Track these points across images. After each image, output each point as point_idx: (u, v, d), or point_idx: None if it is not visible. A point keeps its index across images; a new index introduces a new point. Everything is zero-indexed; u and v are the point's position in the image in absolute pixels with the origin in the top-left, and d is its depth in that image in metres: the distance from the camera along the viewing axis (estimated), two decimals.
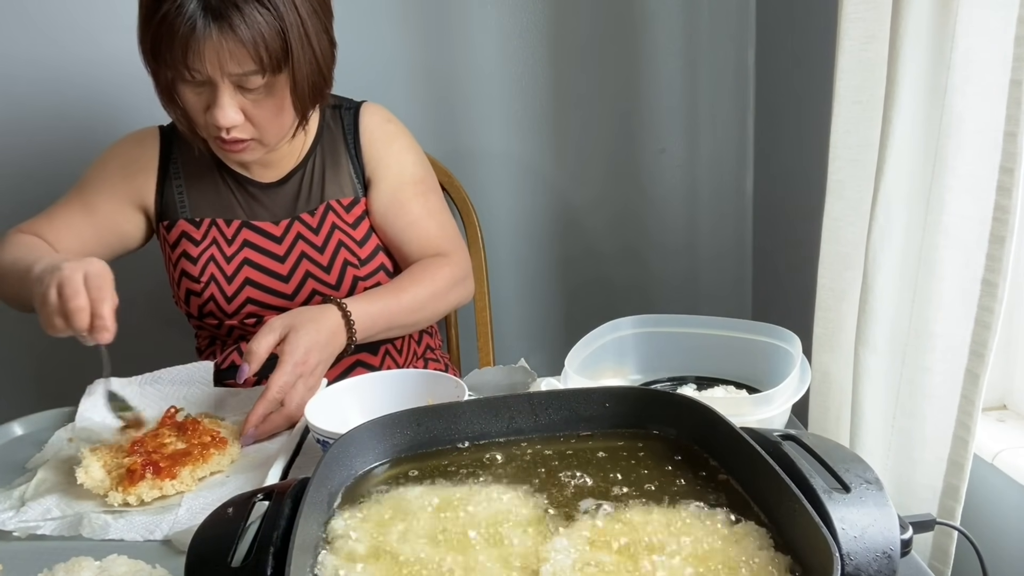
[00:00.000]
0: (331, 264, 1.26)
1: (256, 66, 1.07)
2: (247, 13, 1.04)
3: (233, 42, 1.05)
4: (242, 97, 1.11)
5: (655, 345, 1.12)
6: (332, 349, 1.10)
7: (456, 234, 1.35)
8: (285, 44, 1.08)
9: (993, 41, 0.90)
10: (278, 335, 1.05)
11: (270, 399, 1.02)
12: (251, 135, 1.15)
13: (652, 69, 1.83)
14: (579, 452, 0.76)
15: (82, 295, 0.95)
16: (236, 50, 1.05)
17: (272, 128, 1.16)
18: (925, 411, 1.01)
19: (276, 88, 1.11)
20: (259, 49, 1.06)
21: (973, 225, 0.94)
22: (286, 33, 1.07)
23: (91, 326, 0.96)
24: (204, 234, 1.26)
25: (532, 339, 1.97)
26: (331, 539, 0.65)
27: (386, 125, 1.35)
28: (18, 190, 1.69)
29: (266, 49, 1.06)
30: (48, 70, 1.66)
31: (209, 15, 1.04)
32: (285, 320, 1.07)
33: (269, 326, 1.06)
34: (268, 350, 1.04)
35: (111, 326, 0.96)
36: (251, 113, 1.12)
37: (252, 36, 1.05)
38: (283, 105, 1.14)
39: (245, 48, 1.05)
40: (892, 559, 0.57)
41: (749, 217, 1.95)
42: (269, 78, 1.09)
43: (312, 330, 1.06)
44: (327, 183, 1.30)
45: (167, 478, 0.91)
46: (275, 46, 1.07)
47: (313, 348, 1.05)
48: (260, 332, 1.05)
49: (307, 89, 1.14)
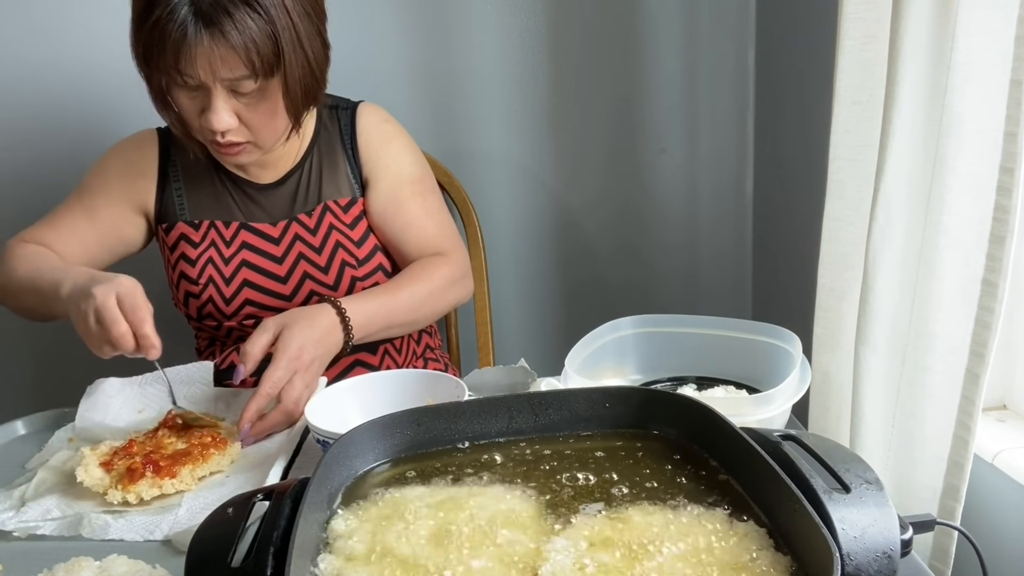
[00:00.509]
0: (329, 265, 1.26)
1: (248, 71, 1.07)
2: (238, 19, 1.04)
3: (224, 48, 1.05)
4: (236, 101, 1.11)
5: (655, 345, 1.12)
6: (327, 346, 1.10)
7: (454, 233, 1.35)
8: (277, 48, 1.08)
9: (993, 41, 0.90)
10: (272, 335, 1.06)
11: (263, 395, 1.02)
12: (246, 138, 1.15)
13: (652, 69, 1.83)
14: (579, 452, 0.76)
15: (121, 321, 0.98)
16: (227, 55, 1.05)
17: (267, 131, 1.16)
18: (925, 411, 1.01)
19: (269, 92, 1.11)
20: (250, 54, 1.06)
21: (973, 225, 0.94)
22: (277, 37, 1.07)
23: (138, 346, 0.99)
24: (203, 236, 1.26)
25: (532, 339, 1.97)
26: (331, 539, 0.65)
27: (383, 125, 1.35)
28: (15, 192, 1.69)
29: (257, 54, 1.06)
30: (45, 71, 1.65)
31: (200, 21, 1.04)
32: (278, 320, 1.08)
33: (263, 326, 1.07)
34: (263, 350, 1.05)
35: (157, 343, 0.99)
36: (245, 116, 1.12)
37: (243, 41, 1.05)
38: (277, 108, 1.14)
39: (236, 53, 1.05)
40: (892, 559, 0.57)
41: (749, 217, 1.95)
42: (262, 82, 1.09)
43: (305, 327, 1.07)
44: (324, 184, 1.30)
45: (167, 477, 0.91)
46: (266, 51, 1.07)
47: (306, 344, 1.05)
48: (254, 333, 1.06)
49: (300, 92, 1.13)
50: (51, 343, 1.73)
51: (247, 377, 1.05)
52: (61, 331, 1.73)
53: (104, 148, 1.32)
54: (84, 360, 1.05)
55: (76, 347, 1.01)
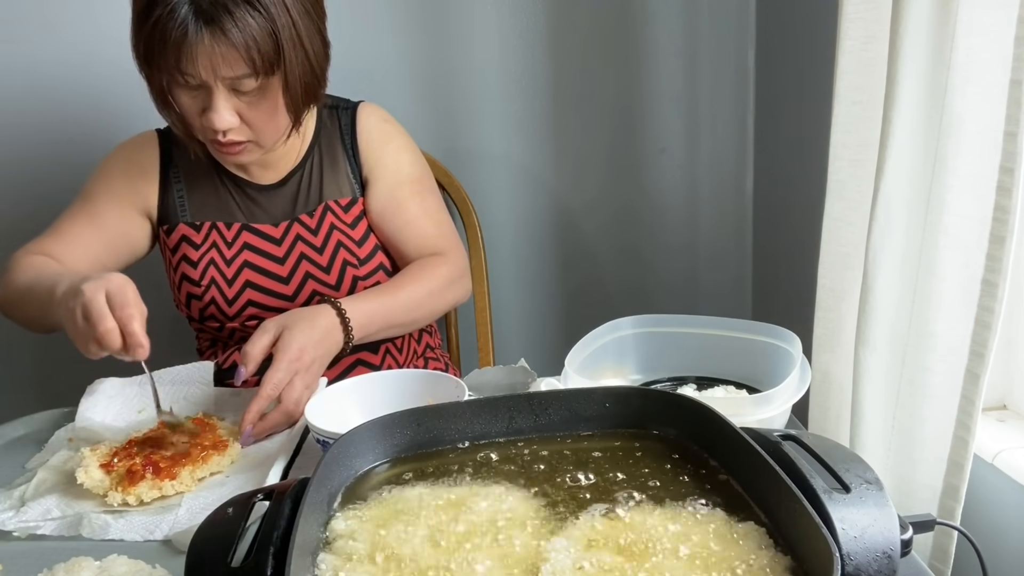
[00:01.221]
0: (331, 265, 1.27)
1: (249, 69, 1.07)
2: (238, 16, 1.04)
3: (225, 46, 1.05)
4: (237, 99, 1.11)
5: (655, 345, 1.12)
6: (327, 347, 1.10)
7: (453, 233, 1.35)
8: (277, 46, 1.08)
9: (993, 41, 0.90)
10: (272, 336, 1.06)
11: (264, 397, 1.02)
12: (247, 137, 1.15)
13: (652, 69, 1.83)
14: (579, 452, 0.76)
15: (108, 317, 0.94)
16: (228, 53, 1.06)
17: (268, 129, 1.16)
18: (925, 411, 1.01)
19: (270, 90, 1.12)
20: (251, 52, 1.06)
21: (973, 225, 0.94)
22: (278, 35, 1.07)
23: (124, 345, 0.95)
24: (204, 238, 1.26)
25: (532, 339, 1.97)
26: (331, 539, 0.65)
27: (383, 125, 1.35)
28: (12, 193, 1.69)
29: (258, 52, 1.06)
30: (50, 68, 1.65)
31: (200, 19, 1.04)
32: (278, 321, 1.08)
33: (263, 328, 1.07)
34: (263, 352, 1.05)
35: (144, 342, 0.95)
36: (246, 115, 1.13)
37: (244, 39, 1.05)
38: (278, 106, 1.14)
39: (237, 51, 1.05)
40: (892, 559, 0.57)
41: (749, 217, 1.95)
42: (263, 80, 1.09)
43: (305, 328, 1.07)
44: (325, 184, 1.30)
45: (167, 478, 0.91)
46: (267, 48, 1.07)
47: (307, 345, 1.06)
48: (255, 335, 1.06)
49: (300, 90, 1.14)
50: (51, 343, 1.72)
51: (248, 378, 1.05)
52: (61, 331, 1.73)
53: (109, 147, 1.32)
54: (84, 360, 1.05)
55: (76, 347, 1.00)
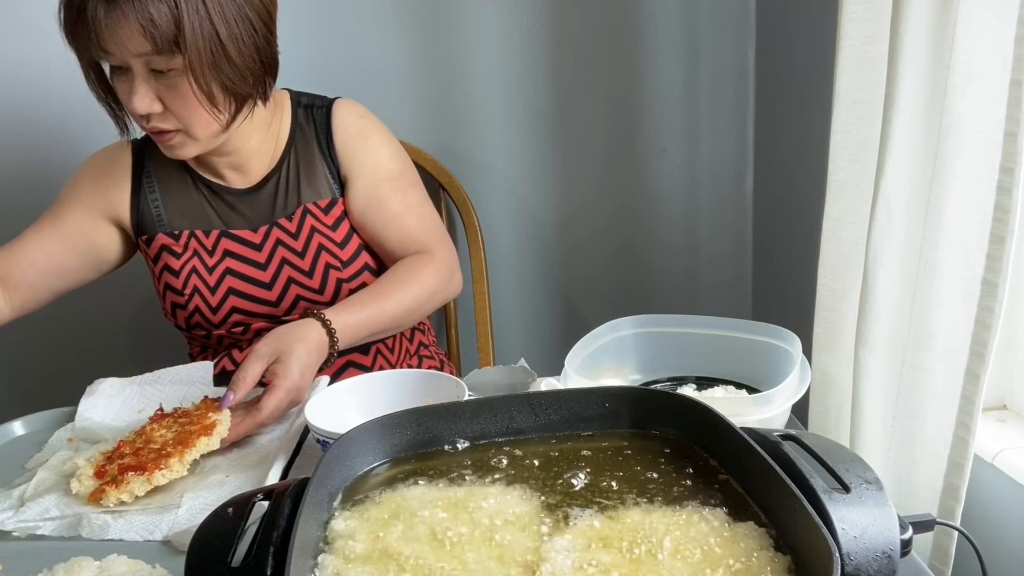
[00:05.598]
0: (313, 269, 1.25)
1: (151, 46, 1.05)
2: None
3: (124, 21, 1.03)
4: (157, 83, 1.09)
5: (655, 345, 1.12)
6: (319, 361, 1.09)
7: (438, 227, 1.31)
8: (176, 22, 1.05)
9: (993, 41, 0.90)
10: (266, 363, 1.04)
11: (260, 423, 1.02)
12: (174, 126, 1.13)
13: (652, 69, 1.83)
14: (579, 452, 0.76)
15: None
16: (127, 29, 1.04)
17: (191, 117, 1.12)
18: (925, 411, 1.01)
19: (183, 73, 1.09)
20: (149, 27, 1.04)
21: (973, 225, 0.93)
22: (179, 10, 1.05)
23: None
24: (184, 246, 1.25)
25: (532, 339, 1.96)
26: (331, 539, 0.65)
27: (360, 121, 1.31)
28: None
29: (154, 26, 1.04)
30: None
31: None
32: (271, 345, 1.06)
33: (256, 353, 1.04)
34: (257, 378, 1.03)
35: None
36: (167, 100, 1.10)
37: (140, 13, 1.03)
38: (192, 91, 1.10)
39: (137, 25, 1.04)
40: (892, 559, 0.57)
41: (749, 217, 1.95)
42: (169, 59, 1.07)
43: (303, 352, 1.05)
44: (303, 186, 1.27)
45: (155, 469, 0.90)
46: (163, 22, 1.04)
47: (306, 371, 1.05)
48: (247, 360, 1.04)
49: (209, 73, 1.09)
50: (51, 343, 1.73)
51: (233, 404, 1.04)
52: (61, 332, 1.74)
53: (88, 152, 1.31)
54: (84, 360, 1.05)
55: (76, 347, 1.00)
